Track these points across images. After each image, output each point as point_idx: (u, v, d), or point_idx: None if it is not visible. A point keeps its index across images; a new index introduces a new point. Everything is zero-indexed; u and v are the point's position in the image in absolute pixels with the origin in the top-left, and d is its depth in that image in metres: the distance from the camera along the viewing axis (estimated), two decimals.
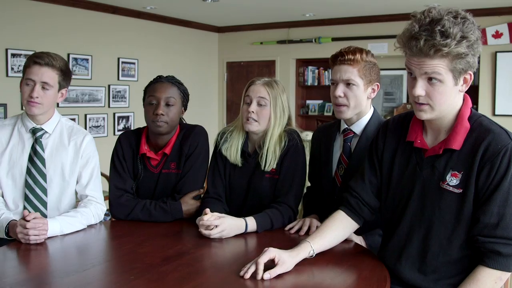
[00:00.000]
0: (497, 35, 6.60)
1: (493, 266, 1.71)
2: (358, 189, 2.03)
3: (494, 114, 6.68)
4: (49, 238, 2.17)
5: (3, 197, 2.44)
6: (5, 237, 2.23)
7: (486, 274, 1.72)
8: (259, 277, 1.72)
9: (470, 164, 1.73)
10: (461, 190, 1.74)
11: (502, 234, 1.69)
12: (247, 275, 1.73)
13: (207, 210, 2.24)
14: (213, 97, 8.73)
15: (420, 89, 1.71)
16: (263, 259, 1.76)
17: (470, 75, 1.72)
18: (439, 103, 1.72)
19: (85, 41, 6.45)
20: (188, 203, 2.51)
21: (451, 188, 1.76)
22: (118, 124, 7.00)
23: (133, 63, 7.19)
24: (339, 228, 2.01)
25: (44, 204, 2.43)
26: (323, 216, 2.44)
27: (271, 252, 1.79)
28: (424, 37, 1.63)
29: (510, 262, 1.71)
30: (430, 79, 1.69)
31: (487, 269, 1.72)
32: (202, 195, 2.60)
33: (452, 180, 1.76)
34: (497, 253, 1.70)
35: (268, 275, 1.73)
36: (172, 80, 2.59)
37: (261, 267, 1.74)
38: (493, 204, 1.69)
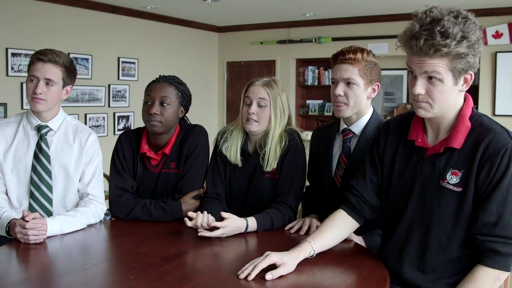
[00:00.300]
0: (497, 35, 6.60)
1: (492, 265, 1.71)
2: (359, 188, 2.03)
3: (494, 114, 6.68)
4: (48, 237, 2.17)
5: (7, 194, 2.44)
6: (6, 235, 2.23)
7: (484, 273, 1.72)
8: (250, 278, 1.72)
9: (470, 162, 1.73)
10: (461, 189, 1.75)
11: (501, 233, 1.69)
12: (243, 276, 1.74)
13: (191, 213, 2.22)
14: (213, 96, 8.74)
15: (420, 87, 1.72)
16: (262, 264, 1.76)
17: (471, 75, 1.72)
18: (439, 102, 1.72)
19: (85, 41, 6.46)
20: (188, 203, 2.51)
21: (451, 187, 1.76)
22: (118, 123, 7.00)
23: (133, 63, 7.19)
24: (340, 228, 2.01)
25: (50, 201, 2.44)
26: (322, 215, 2.44)
27: (272, 258, 1.78)
28: (424, 36, 1.64)
29: (509, 262, 1.71)
30: (430, 78, 1.70)
31: (486, 268, 1.72)
32: (201, 195, 2.59)
33: (452, 179, 1.76)
34: (496, 252, 1.70)
35: (270, 275, 1.73)
36: (170, 80, 2.58)
37: (256, 271, 1.74)
38: (492, 203, 1.70)
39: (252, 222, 2.28)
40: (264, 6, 6.79)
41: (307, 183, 2.65)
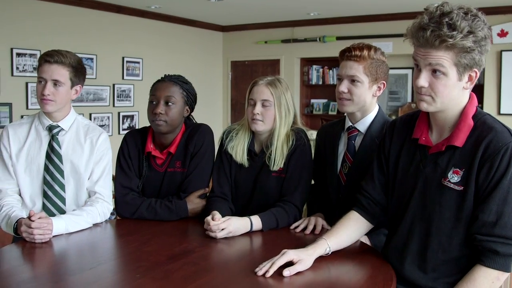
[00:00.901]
0: (502, 34, 6.57)
1: (491, 265, 1.70)
2: (369, 189, 2.04)
3: (499, 113, 6.66)
4: (54, 236, 2.18)
5: (20, 194, 2.46)
6: (14, 234, 2.25)
7: (483, 273, 1.71)
8: (268, 274, 1.74)
9: (471, 161, 1.72)
10: (462, 188, 1.74)
11: (500, 233, 1.68)
12: (261, 272, 1.76)
13: (217, 216, 2.23)
14: (218, 96, 8.74)
15: (424, 80, 1.72)
16: (280, 262, 1.78)
17: (476, 72, 1.72)
18: (441, 96, 1.72)
19: (89, 40, 6.47)
20: (194, 202, 2.52)
21: (452, 185, 1.76)
22: (123, 123, 7.01)
23: (138, 62, 7.20)
24: (353, 228, 2.03)
25: (63, 200, 2.45)
26: (327, 214, 2.44)
27: (289, 255, 1.80)
28: (432, 28, 1.65)
29: (508, 262, 1.70)
30: (434, 71, 1.70)
31: (485, 268, 1.71)
32: (207, 194, 2.60)
33: (454, 177, 1.76)
34: (495, 252, 1.69)
35: (287, 272, 1.75)
36: (175, 79, 2.59)
37: (274, 268, 1.76)
38: (492, 202, 1.69)
39: (256, 221, 2.28)
40: (268, 6, 6.79)
41: (313, 182, 2.65)
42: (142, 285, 1.68)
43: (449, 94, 1.73)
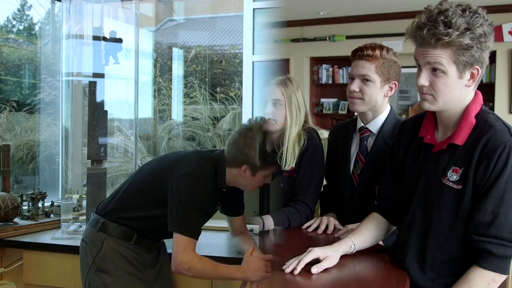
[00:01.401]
0: None
1: (486, 266, 1.68)
2: (385, 191, 2.05)
3: (510, 112, 6.60)
4: None
5: None
6: None
7: (478, 274, 1.69)
8: (296, 272, 1.74)
9: (469, 159, 1.71)
10: (460, 186, 1.73)
11: (495, 233, 1.66)
12: (288, 270, 1.75)
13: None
14: None
15: (424, 79, 1.72)
16: (307, 259, 1.78)
17: (478, 70, 1.71)
18: (442, 95, 1.72)
19: None
20: None
21: (451, 184, 1.74)
22: None
23: None
24: (376, 228, 2.03)
25: None
26: (339, 214, 2.44)
27: (316, 252, 1.81)
28: (428, 26, 1.65)
29: (504, 264, 1.68)
30: (434, 70, 1.70)
31: (480, 269, 1.69)
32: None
33: (453, 176, 1.74)
34: (490, 253, 1.67)
35: (315, 269, 1.75)
36: None
37: (301, 265, 1.76)
38: (488, 202, 1.67)
39: (268, 220, 2.29)
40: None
41: (325, 182, 2.65)
42: None
43: (450, 93, 1.72)
